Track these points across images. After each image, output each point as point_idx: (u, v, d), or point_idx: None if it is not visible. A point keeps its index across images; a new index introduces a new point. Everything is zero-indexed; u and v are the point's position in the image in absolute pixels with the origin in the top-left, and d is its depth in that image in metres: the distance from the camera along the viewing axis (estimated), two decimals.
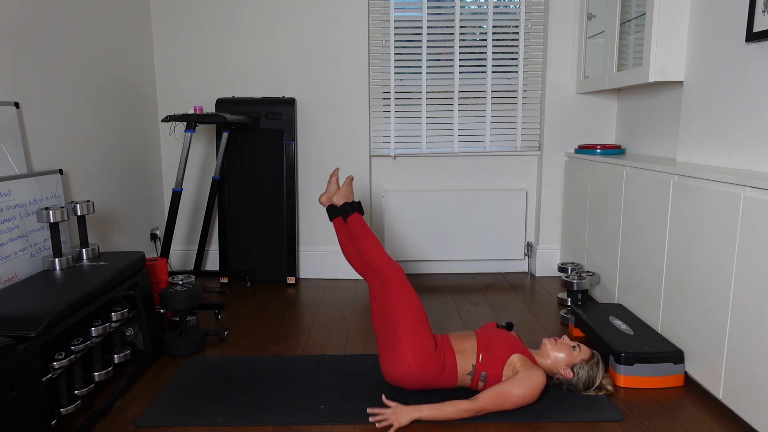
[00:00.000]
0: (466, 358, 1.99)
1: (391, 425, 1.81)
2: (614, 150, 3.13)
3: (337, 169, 2.39)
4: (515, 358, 1.96)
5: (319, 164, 3.57)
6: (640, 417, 1.91)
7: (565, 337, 2.08)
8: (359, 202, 2.29)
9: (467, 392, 2.05)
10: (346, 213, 2.26)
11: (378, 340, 2.06)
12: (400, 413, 1.82)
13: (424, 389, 2.03)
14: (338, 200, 2.30)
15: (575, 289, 2.69)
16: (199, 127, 3.61)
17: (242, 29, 3.48)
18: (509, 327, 2.14)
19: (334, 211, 2.30)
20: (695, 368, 2.07)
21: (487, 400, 1.85)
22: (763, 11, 1.98)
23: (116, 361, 2.13)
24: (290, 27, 3.46)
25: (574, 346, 2.04)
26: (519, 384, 1.87)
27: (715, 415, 1.92)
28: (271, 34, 3.48)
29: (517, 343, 2.02)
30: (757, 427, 1.76)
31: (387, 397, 1.96)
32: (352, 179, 2.30)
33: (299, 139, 3.57)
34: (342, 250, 2.24)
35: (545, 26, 3.47)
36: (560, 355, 2.03)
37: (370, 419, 1.85)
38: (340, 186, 2.36)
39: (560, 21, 3.41)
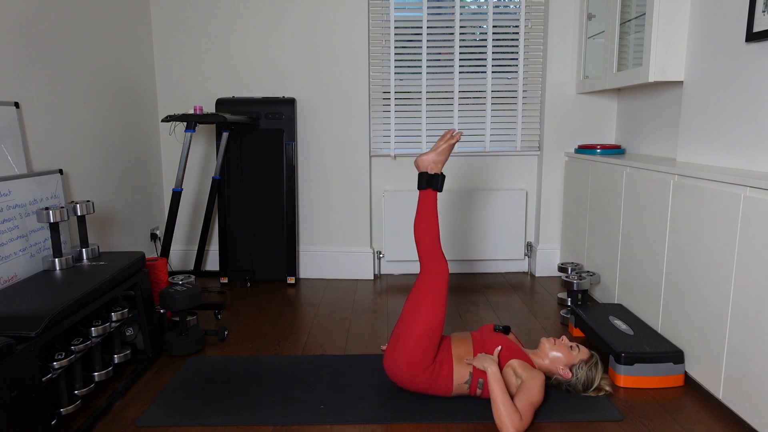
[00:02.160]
0: (463, 365, 1.97)
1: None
2: (614, 150, 3.13)
3: (452, 130, 2.11)
4: (514, 363, 1.95)
5: (319, 164, 3.57)
6: (640, 417, 1.91)
7: (563, 337, 2.07)
8: (441, 177, 2.05)
9: (466, 399, 2.02)
10: (420, 184, 2.06)
11: (398, 323, 2.02)
12: (489, 359, 1.91)
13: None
14: (422, 165, 2.06)
15: (575, 289, 2.69)
16: (199, 127, 3.61)
17: (242, 29, 3.48)
18: (506, 330, 2.12)
19: (419, 180, 2.08)
20: (695, 368, 2.07)
21: (526, 413, 1.81)
22: (763, 11, 1.98)
23: (116, 361, 2.13)
24: (290, 27, 3.46)
25: (572, 347, 2.04)
26: (535, 391, 1.86)
27: (715, 415, 1.92)
28: (271, 34, 3.48)
29: (513, 348, 2.00)
30: (757, 427, 1.76)
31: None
32: (455, 142, 2.03)
33: (299, 139, 3.57)
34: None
35: (545, 26, 3.47)
36: (558, 355, 2.02)
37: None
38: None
39: (560, 21, 3.41)
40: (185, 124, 3.33)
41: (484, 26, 3.51)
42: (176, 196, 2.89)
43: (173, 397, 2.04)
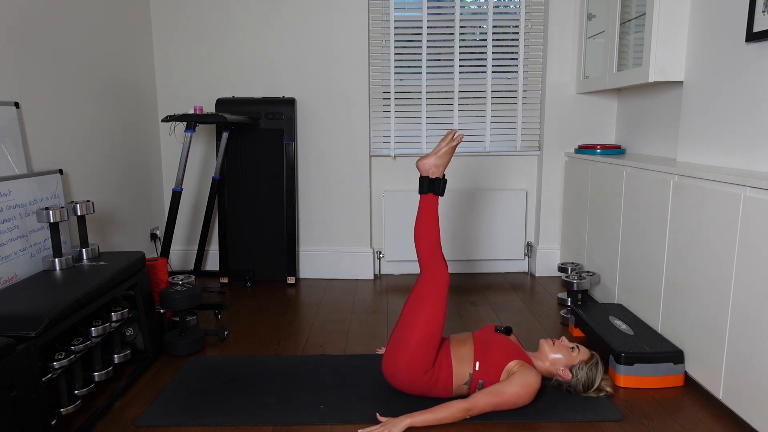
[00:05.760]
0: (463, 365, 1.96)
1: None
2: (614, 150, 3.13)
3: (453, 131, 2.06)
4: (513, 365, 1.94)
5: (319, 164, 3.57)
6: (640, 417, 1.91)
7: (563, 338, 2.07)
8: (443, 181, 2.03)
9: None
10: (421, 188, 2.04)
11: (395, 327, 2.00)
12: (392, 423, 1.81)
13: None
14: (423, 168, 2.04)
15: (575, 289, 2.69)
16: (199, 127, 3.61)
17: (242, 29, 3.48)
18: (508, 331, 2.11)
19: (420, 185, 2.07)
20: (695, 368, 2.07)
21: (480, 398, 1.84)
22: (763, 11, 1.98)
23: (116, 361, 2.13)
24: (290, 27, 3.46)
25: (572, 348, 2.03)
26: (513, 384, 1.87)
27: (715, 415, 1.92)
28: (271, 34, 3.48)
29: (514, 349, 2.00)
30: (757, 427, 1.76)
31: (380, 414, 1.92)
32: (456, 144, 2.01)
33: (299, 139, 3.57)
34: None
35: (545, 26, 3.47)
36: (558, 356, 2.02)
37: None
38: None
39: (560, 21, 3.41)
40: (185, 124, 3.33)
41: (484, 26, 3.51)
42: (176, 196, 2.89)
43: (173, 397, 2.04)
